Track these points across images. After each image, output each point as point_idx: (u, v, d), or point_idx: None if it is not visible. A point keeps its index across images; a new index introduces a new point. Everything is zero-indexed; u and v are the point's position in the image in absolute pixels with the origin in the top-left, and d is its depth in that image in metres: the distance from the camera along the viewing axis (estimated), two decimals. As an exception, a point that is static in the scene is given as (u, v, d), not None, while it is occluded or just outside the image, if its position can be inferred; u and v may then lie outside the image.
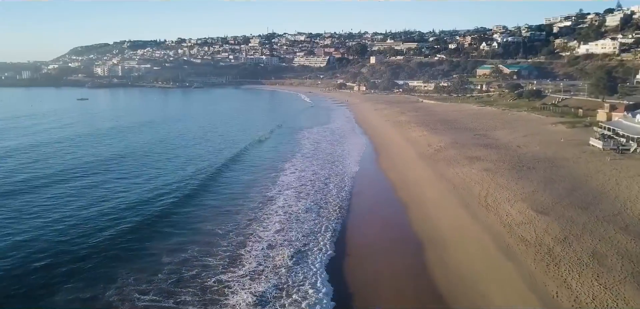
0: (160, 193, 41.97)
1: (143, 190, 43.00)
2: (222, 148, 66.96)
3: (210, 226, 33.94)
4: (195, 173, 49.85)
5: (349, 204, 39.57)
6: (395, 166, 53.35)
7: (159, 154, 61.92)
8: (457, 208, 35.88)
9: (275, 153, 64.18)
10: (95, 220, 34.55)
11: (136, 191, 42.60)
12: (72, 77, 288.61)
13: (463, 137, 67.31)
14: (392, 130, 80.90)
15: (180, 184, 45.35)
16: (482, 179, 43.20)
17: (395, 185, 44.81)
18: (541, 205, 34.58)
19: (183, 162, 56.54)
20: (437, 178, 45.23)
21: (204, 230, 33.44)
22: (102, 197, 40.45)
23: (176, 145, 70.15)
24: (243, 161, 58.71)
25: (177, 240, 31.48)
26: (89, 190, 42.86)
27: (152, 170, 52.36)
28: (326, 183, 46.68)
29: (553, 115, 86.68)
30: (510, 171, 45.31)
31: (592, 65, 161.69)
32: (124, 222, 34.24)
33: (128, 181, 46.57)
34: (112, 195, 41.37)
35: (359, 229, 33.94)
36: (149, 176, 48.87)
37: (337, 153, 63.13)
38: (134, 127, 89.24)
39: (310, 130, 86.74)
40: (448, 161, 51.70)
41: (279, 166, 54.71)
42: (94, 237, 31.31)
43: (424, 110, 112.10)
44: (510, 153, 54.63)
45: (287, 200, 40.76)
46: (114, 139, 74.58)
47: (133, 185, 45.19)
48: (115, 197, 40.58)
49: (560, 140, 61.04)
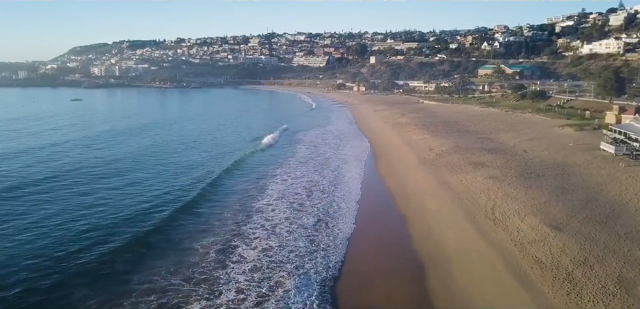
0: (145, 210, 37.49)
1: (125, 206, 38.48)
2: (216, 155, 62.30)
3: (195, 244, 30.71)
4: (185, 186, 45.10)
5: (343, 219, 36.28)
6: (395, 172, 50.13)
7: (148, 162, 56.73)
8: (462, 222, 32.68)
9: (270, 158, 60.96)
10: (68, 239, 31.11)
11: (117, 207, 38.09)
12: (69, 77, 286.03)
13: (466, 141, 64.14)
14: (391, 133, 77.70)
15: (167, 199, 40.76)
16: (488, 188, 40.02)
17: (395, 194, 41.56)
18: (555, 219, 31.39)
19: (172, 173, 50.89)
20: (440, 187, 42.03)
21: (187, 248, 30.23)
22: (81, 211, 36.68)
23: (168, 151, 64.77)
24: (237, 168, 55.36)
25: (158, 262, 28.04)
26: (67, 203, 39.07)
27: (138, 180, 47.58)
28: (319, 193, 43.46)
29: (559, 117, 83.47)
30: (518, 179, 42.14)
31: (596, 65, 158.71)
32: (97, 242, 30.65)
33: (110, 194, 42.22)
34: (89, 209, 37.36)
35: (353, 249, 30.46)
36: (134, 188, 44.31)
37: (333, 159, 59.93)
38: (124, 132, 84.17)
39: (307, 133, 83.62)
40: (451, 168, 48.53)
41: (270, 172, 51.53)
42: (65, 260, 27.93)
43: (425, 111, 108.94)
44: (516, 158, 51.44)
45: (277, 212, 37.57)
46: (102, 145, 69.37)
47: (115, 198, 40.57)
48: (92, 213, 36.48)
49: (568, 144, 57.83)
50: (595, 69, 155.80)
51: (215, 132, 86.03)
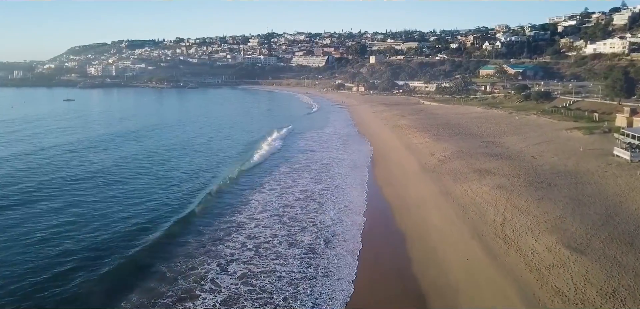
0: (119, 235, 32.24)
1: (101, 227, 33.39)
2: (208, 166, 57.34)
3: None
4: (170, 203, 40.33)
5: (334, 237, 32.59)
6: (394, 180, 46.54)
7: (133, 174, 50.68)
8: (469, 241, 29.09)
9: (262, 167, 57.40)
10: (34, 262, 27.54)
11: (90, 229, 33.18)
12: (65, 77, 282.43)
13: (469, 145, 60.53)
14: (390, 136, 74.08)
15: (149, 219, 35.68)
16: (495, 199, 36.42)
17: (393, 206, 37.94)
18: (573, 238, 27.80)
19: (159, 187, 45.15)
20: (443, 197, 38.43)
21: (155, 272, 26.57)
22: (47, 233, 32.35)
23: (157, 160, 58.39)
24: (228, 182, 51.84)
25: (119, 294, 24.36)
26: (38, 222, 34.65)
27: (119, 196, 41.59)
28: (309, 206, 39.90)
29: (566, 119, 79.80)
30: (528, 189, 38.53)
31: (601, 66, 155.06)
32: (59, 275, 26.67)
33: (85, 212, 37.01)
34: (55, 233, 32.32)
35: (343, 274, 26.83)
36: (114, 206, 38.68)
37: (327, 165, 56.36)
38: (112, 137, 77.44)
39: (302, 136, 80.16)
40: (454, 175, 44.94)
41: (259, 182, 47.99)
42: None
43: (426, 112, 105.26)
44: (524, 165, 47.83)
45: (261, 228, 34.02)
46: (87, 152, 63.11)
47: (90, 218, 35.31)
48: (61, 236, 31.78)
49: (579, 149, 54.20)
50: (600, 69, 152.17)
51: (209, 138, 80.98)
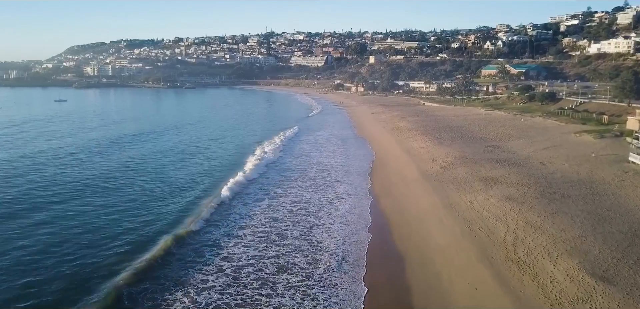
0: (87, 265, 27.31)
1: (64, 256, 28.18)
2: (197, 180, 51.90)
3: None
4: (152, 221, 34.87)
5: (323, 258, 29.13)
6: (392, 190, 42.93)
7: (113, 189, 43.77)
8: (477, 266, 25.52)
9: (252, 175, 53.86)
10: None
11: (59, 255, 28.40)
12: (61, 77, 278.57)
13: (473, 149, 56.99)
14: (389, 140, 70.49)
15: (125, 243, 30.49)
16: (505, 213, 32.88)
17: (391, 221, 34.32)
18: (598, 262, 24.27)
19: (133, 208, 38.10)
20: (446, 211, 34.86)
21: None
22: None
23: (144, 171, 51.32)
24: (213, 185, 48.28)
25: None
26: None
27: (92, 217, 35.55)
28: (302, 220, 36.39)
29: (573, 121, 76.24)
30: (540, 201, 34.99)
31: (606, 66, 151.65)
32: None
33: (55, 233, 31.88)
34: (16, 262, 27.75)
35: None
36: (84, 229, 32.81)
37: (321, 171, 52.82)
38: (96, 144, 69.20)
39: (298, 139, 76.66)
40: (458, 184, 41.39)
41: (245, 191, 44.47)
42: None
43: (426, 114, 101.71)
44: (533, 172, 44.28)
45: (242, 247, 30.51)
46: (66, 164, 55.05)
47: (61, 242, 30.33)
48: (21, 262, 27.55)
49: (591, 155, 50.67)
50: (605, 69, 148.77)
51: (200, 146, 75.73)
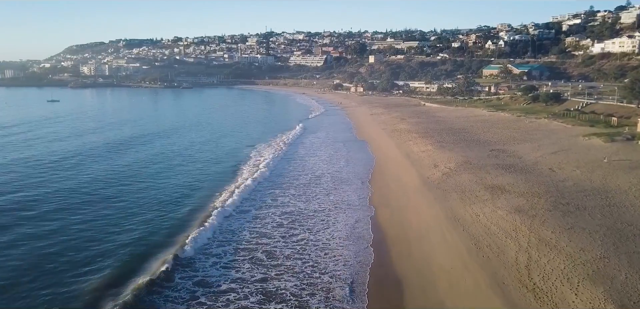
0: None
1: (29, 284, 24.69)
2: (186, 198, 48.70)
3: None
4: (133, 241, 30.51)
5: (320, 283, 25.98)
6: (391, 199, 39.75)
7: (91, 205, 38.38)
8: (486, 292, 22.38)
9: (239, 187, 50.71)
10: None
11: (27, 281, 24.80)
12: (57, 77, 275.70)
13: (477, 154, 53.86)
14: (388, 143, 67.36)
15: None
16: (515, 228, 29.74)
17: (390, 237, 31.12)
18: (626, 291, 21.13)
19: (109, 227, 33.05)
20: (450, 224, 31.71)
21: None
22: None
23: (121, 187, 44.35)
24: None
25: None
26: None
27: (61, 238, 31.07)
28: (293, 235, 33.28)
29: (580, 123, 73.13)
30: (553, 214, 31.84)
31: (610, 65, 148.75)
32: None
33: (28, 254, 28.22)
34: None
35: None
36: (52, 251, 28.84)
37: (317, 178, 49.68)
38: (81, 152, 62.30)
39: (293, 143, 73.54)
40: (462, 193, 38.23)
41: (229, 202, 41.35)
42: None
43: (427, 115, 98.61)
44: (542, 180, 41.11)
45: (221, 268, 27.41)
46: (44, 174, 49.03)
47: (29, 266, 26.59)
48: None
49: (602, 160, 47.54)
50: (610, 69, 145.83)
51: (191, 152, 71.04)
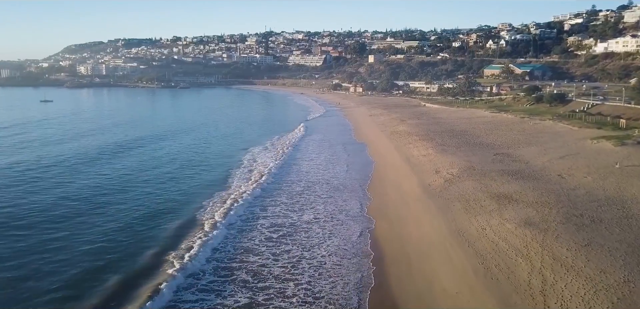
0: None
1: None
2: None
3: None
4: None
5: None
6: (390, 210, 36.93)
7: (67, 219, 34.41)
8: (498, 324, 19.61)
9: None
10: None
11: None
12: (53, 77, 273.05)
13: (480, 158, 51.06)
14: (387, 146, 64.58)
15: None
16: (525, 244, 26.96)
17: (388, 254, 28.25)
18: (659, 325, 18.35)
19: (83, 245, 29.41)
20: (453, 239, 28.93)
21: None
22: None
23: (102, 201, 39.62)
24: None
25: None
26: None
27: (35, 252, 28.38)
28: (282, 251, 30.51)
29: (587, 125, 70.32)
30: (567, 227, 29.06)
31: (614, 65, 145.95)
32: None
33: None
34: None
35: None
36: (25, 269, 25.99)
37: (311, 184, 46.93)
38: (66, 159, 56.82)
39: (287, 145, 70.80)
40: (466, 203, 35.42)
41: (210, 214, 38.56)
42: None
43: (428, 116, 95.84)
44: (552, 187, 38.31)
45: (198, 293, 24.66)
46: (22, 185, 44.46)
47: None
48: None
49: (614, 166, 44.67)
50: (614, 69, 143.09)
51: (185, 160, 66.53)
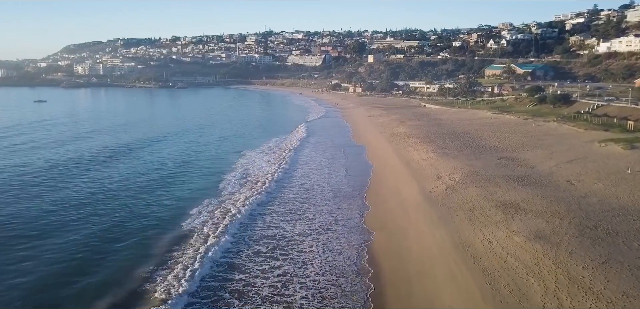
0: None
1: None
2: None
3: None
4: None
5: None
6: (389, 220, 34.56)
7: (33, 240, 30.93)
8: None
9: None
10: None
11: None
12: (50, 76, 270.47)
13: (484, 162, 48.67)
14: (386, 148, 62.19)
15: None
16: (537, 261, 24.60)
17: (386, 273, 25.86)
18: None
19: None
20: (458, 255, 26.56)
21: None
22: None
23: (82, 214, 36.12)
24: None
25: None
26: None
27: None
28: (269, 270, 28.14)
29: (593, 127, 67.93)
30: (580, 241, 26.70)
31: (618, 65, 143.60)
32: None
33: None
34: None
35: None
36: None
37: (304, 190, 44.58)
38: (49, 168, 52.06)
39: (282, 149, 68.42)
40: (470, 212, 33.05)
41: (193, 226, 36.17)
42: None
43: (428, 117, 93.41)
44: (562, 195, 35.91)
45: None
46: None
47: None
48: None
49: (626, 171, 42.35)
50: (617, 69, 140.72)
51: (176, 166, 56.37)
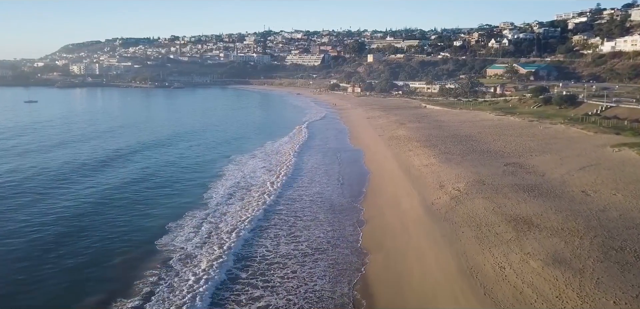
0: None
1: None
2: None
3: None
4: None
5: None
6: (387, 237, 31.01)
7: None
8: None
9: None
10: None
11: None
12: (46, 76, 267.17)
13: (490, 170, 45.09)
14: (385, 153, 58.68)
15: None
16: (558, 292, 21.11)
17: (380, 298, 22.46)
18: None
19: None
20: (465, 283, 23.02)
21: None
22: None
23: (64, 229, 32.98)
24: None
25: None
26: None
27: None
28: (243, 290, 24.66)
29: (603, 130, 64.44)
30: (607, 267, 23.16)
31: (623, 65, 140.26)
32: None
33: None
34: None
35: None
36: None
37: (292, 201, 41.14)
38: (30, 177, 47.35)
39: (277, 151, 65.00)
40: (477, 228, 29.51)
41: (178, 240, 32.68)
42: None
43: (429, 119, 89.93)
44: (578, 208, 32.36)
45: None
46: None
47: None
48: None
49: (645, 180, 38.88)
50: (623, 69, 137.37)
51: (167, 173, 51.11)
